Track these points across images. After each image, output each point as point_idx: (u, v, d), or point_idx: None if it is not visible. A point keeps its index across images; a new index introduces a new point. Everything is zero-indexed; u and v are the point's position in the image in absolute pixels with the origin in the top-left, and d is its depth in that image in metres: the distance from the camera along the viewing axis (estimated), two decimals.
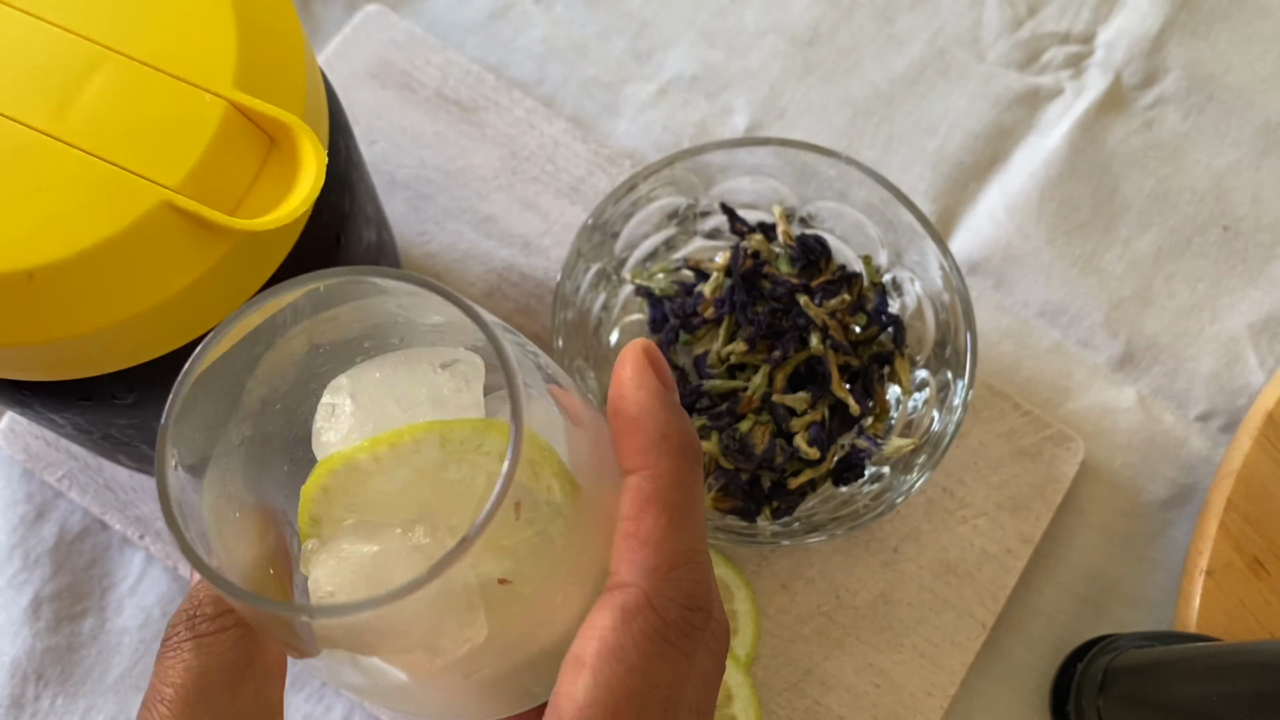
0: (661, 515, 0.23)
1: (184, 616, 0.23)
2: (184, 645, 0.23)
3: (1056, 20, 0.56)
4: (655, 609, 0.22)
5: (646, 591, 0.22)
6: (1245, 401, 0.51)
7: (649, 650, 0.21)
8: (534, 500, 0.22)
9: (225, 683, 0.23)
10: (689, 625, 0.22)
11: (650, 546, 0.22)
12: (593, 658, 0.21)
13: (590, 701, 0.21)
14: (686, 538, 0.23)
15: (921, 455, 0.43)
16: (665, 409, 0.24)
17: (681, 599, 0.22)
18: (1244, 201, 0.54)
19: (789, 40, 0.56)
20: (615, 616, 0.21)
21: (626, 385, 0.24)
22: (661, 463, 0.23)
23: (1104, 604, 0.48)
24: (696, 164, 0.45)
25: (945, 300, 0.44)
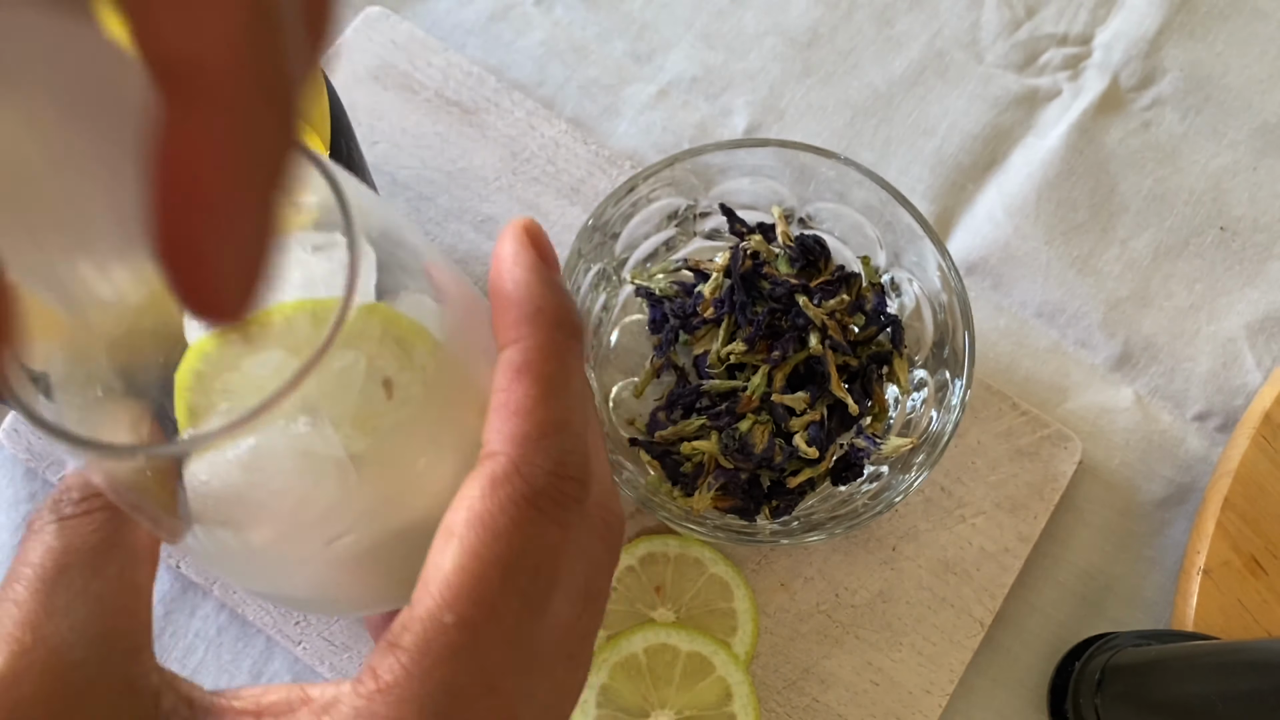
0: (533, 386, 0.22)
1: (49, 503, 0.23)
2: (47, 528, 0.22)
3: (1054, 22, 0.56)
4: (523, 475, 0.21)
5: (514, 459, 0.21)
6: (1242, 401, 0.51)
7: (516, 517, 0.21)
8: (406, 380, 0.21)
9: (86, 563, 0.22)
10: (560, 493, 0.22)
11: (520, 415, 0.22)
12: (461, 526, 0.21)
13: (457, 569, 0.20)
14: (558, 407, 0.22)
15: (920, 454, 0.43)
16: (541, 284, 0.23)
17: (550, 466, 0.21)
18: (1241, 202, 0.54)
19: (788, 42, 0.56)
20: (483, 485, 0.21)
21: (504, 261, 0.24)
22: (535, 334, 0.23)
23: (1102, 602, 0.48)
24: (696, 165, 0.45)
25: (943, 300, 0.44)
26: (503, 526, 0.21)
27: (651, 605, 0.46)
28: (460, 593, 0.20)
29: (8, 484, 0.48)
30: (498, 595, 0.20)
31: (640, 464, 0.46)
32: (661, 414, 0.46)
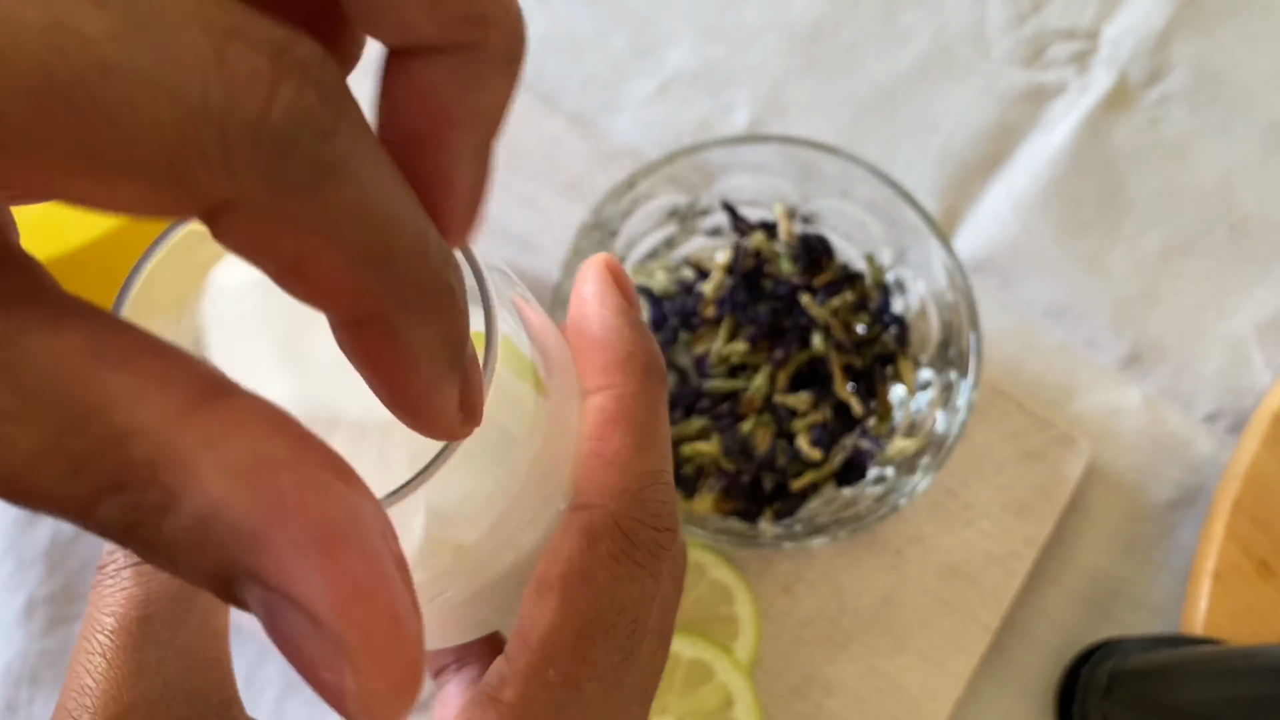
0: (628, 435, 0.22)
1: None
2: (123, 572, 0.21)
3: (1061, 16, 0.56)
4: (623, 530, 0.21)
5: (614, 513, 0.21)
6: (1252, 402, 0.50)
7: (617, 572, 0.21)
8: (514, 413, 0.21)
9: (169, 611, 0.21)
10: (657, 546, 0.22)
11: (617, 467, 0.22)
12: (559, 580, 0.21)
13: (558, 625, 0.20)
14: (653, 458, 0.22)
15: (925, 456, 0.43)
16: (630, 327, 0.23)
17: (649, 520, 0.22)
18: (1250, 200, 0.53)
19: (791, 36, 0.55)
20: (582, 539, 0.21)
21: (589, 303, 0.24)
22: (627, 382, 0.22)
23: (1109, 607, 0.48)
24: (697, 161, 0.45)
25: (949, 300, 0.44)
26: (604, 582, 0.21)
27: None
28: (562, 649, 0.20)
29: None
30: (599, 651, 0.21)
31: None
32: None
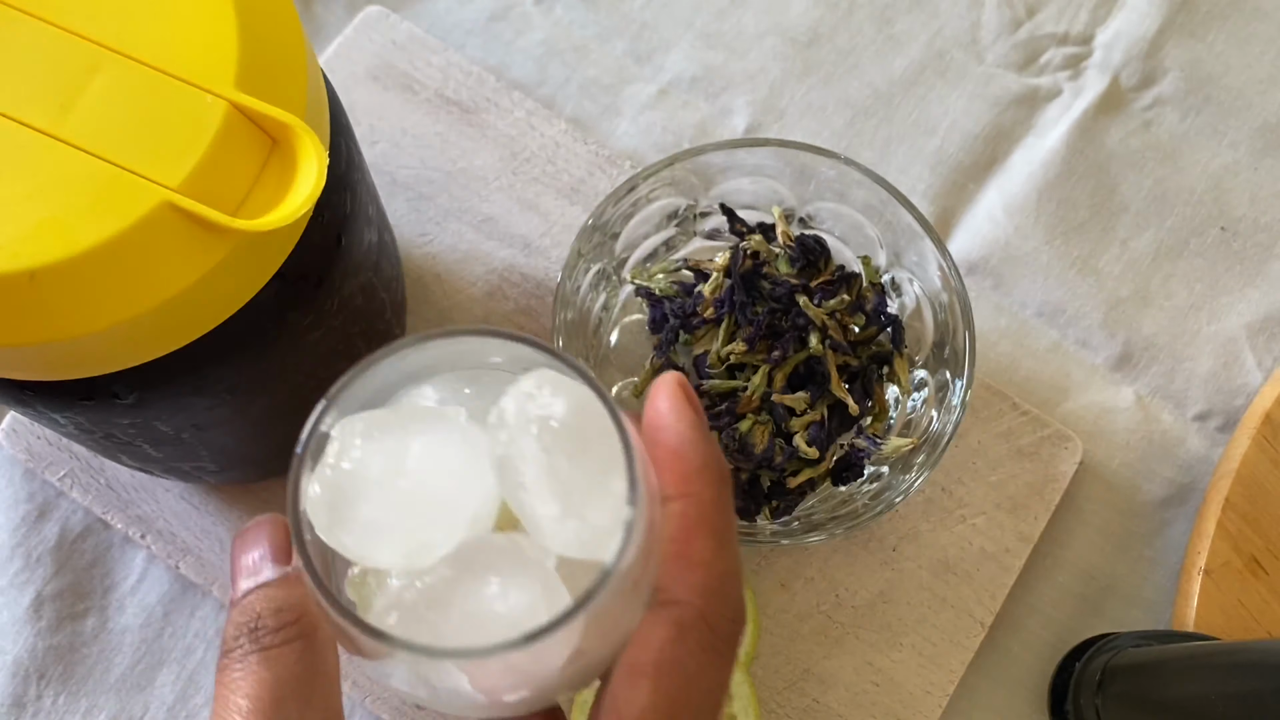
0: (709, 539, 0.25)
1: (244, 629, 0.24)
2: (250, 658, 0.23)
3: (1055, 22, 0.56)
4: (709, 623, 0.24)
5: (700, 609, 0.24)
6: (1243, 401, 0.51)
7: (704, 661, 0.24)
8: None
9: (296, 694, 0.23)
10: (733, 636, 0.24)
11: (702, 568, 0.24)
12: (652, 668, 0.23)
13: (651, 706, 0.23)
14: (729, 557, 0.25)
15: (920, 455, 0.43)
16: (704, 440, 0.26)
17: (730, 614, 0.24)
18: (1242, 202, 0.54)
19: (788, 41, 0.56)
20: (673, 631, 0.24)
21: (665, 416, 0.26)
22: (705, 490, 0.25)
23: (1102, 603, 0.48)
24: (696, 165, 0.45)
25: (944, 300, 0.44)
26: (693, 671, 0.23)
27: None
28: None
29: (7, 484, 0.48)
30: None
31: None
32: None
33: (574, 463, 0.24)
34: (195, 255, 0.28)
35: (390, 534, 0.24)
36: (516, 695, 0.25)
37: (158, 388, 0.32)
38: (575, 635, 0.23)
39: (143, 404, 0.32)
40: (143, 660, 0.46)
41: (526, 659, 0.22)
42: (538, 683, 0.25)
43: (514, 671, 0.24)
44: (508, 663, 0.22)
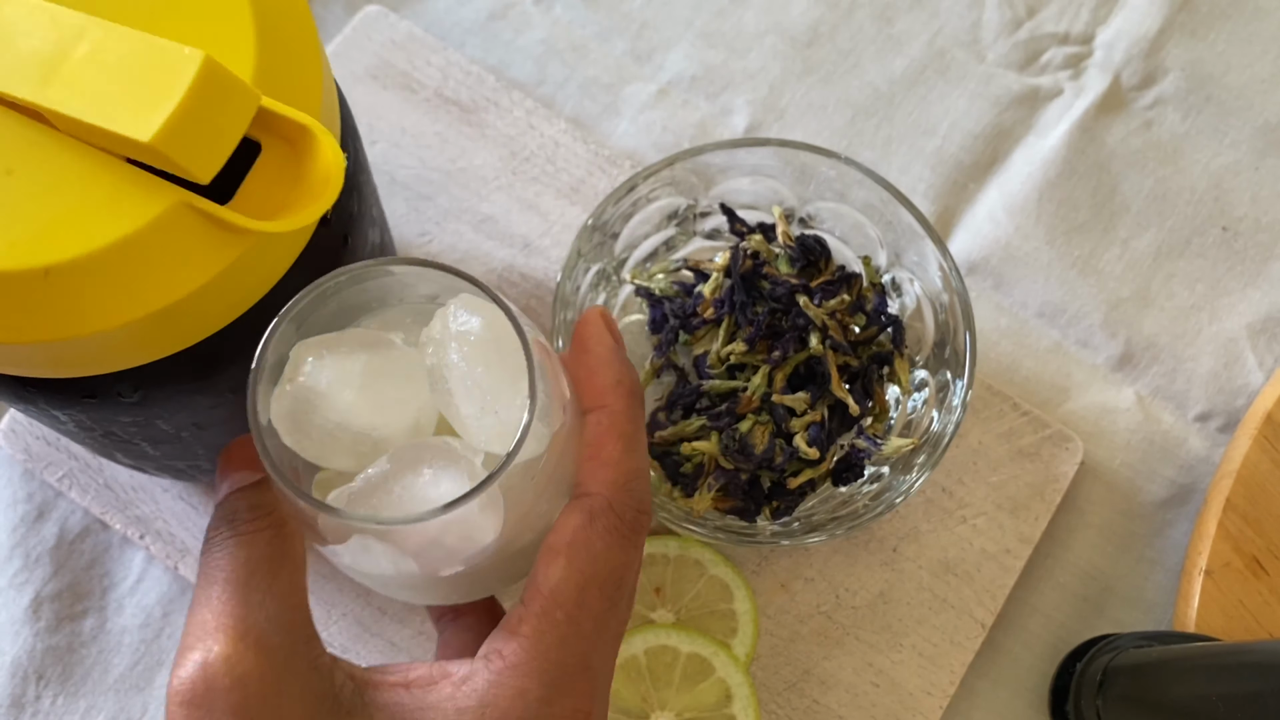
0: (619, 442, 0.29)
1: (223, 520, 0.28)
2: (228, 542, 0.28)
3: (1056, 21, 0.56)
4: (615, 511, 0.29)
5: (609, 499, 0.29)
6: (1244, 402, 0.51)
7: (610, 542, 0.28)
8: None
9: (266, 570, 0.27)
10: (638, 524, 0.29)
11: (611, 466, 0.29)
12: (565, 548, 0.28)
13: (564, 579, 0.27)
14: (637, 459, 0.30)
15: (921, 455, 0.43)
16: (617, 360, 0.31)
17: (634, 504, 0.29)
18: (1243, 202, 0.54)
19: (788, 41, 0.56)
20: (584, 517, 0.28)
21: (589, 340, 0.31)
22: (617, 403, 0.30)
23: (1103, 604, 0.48)
24: (696, 164, 0.45)
25: (944, 300, 0.44)
26: (599, 550, 0.28)
27: (651, 607, 0.46)
28: (567, 597, 0.27)
29: (6, 484, 0.48)
30: (593, 599, 0.27)
31: None
32: (661, 414, 0.45)
33: (489, 370, 0.28)
34: (210, 255, 0.28)
35: (342, 440, 0.28)
36: (451, 568, 0.29)
37: (162, 386, 0.32)
38: (492, 512, 0.28)
39: (146, 402, 0.32)
40: (142, 660, 0.46)
41: (453, 530, 0.27)
42: (470, 558, 0.29)
43: (444, 543, 0.28)
44: (436, 531, 0.27)
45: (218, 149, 0.28)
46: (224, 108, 0.28)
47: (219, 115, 0.28)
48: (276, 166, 0.29)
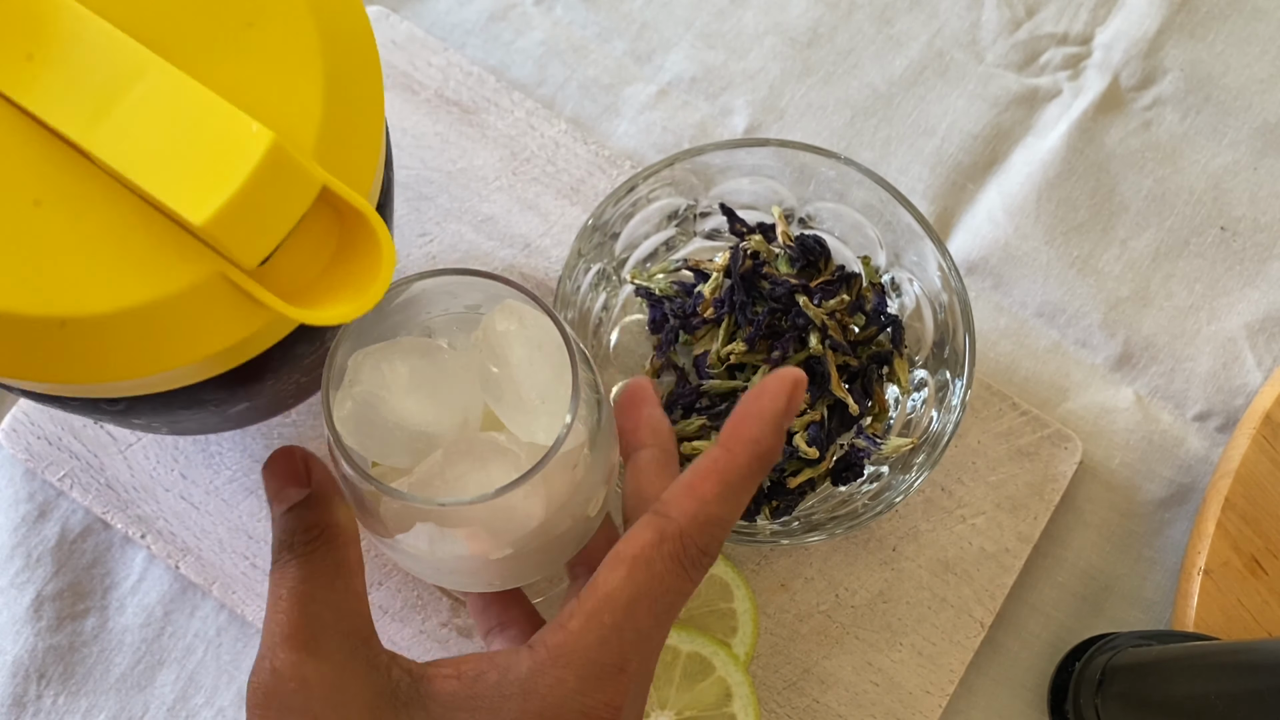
0: (719, 486, 0.30)
1: (283, 544, 0.31)
2: (290, 563, 0.30)
3: (1054, 22, 0.56)
4: (684, 543, 0.29)
5: (682, 528, 0.29)
6: (1243, 401, 0.51)
7: (671, 567, 0.29)
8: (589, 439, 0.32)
9: (324, 583, 0.30)
10: (700, 563, 0.30)
11: (699, 502, 0.30)
12: (630, 558, 0.29)
13: (619, 587, 0.29)
14: (727, 509, 0.30)
15: (920, 454, 0.43)
16: (773, 428, 0.31)
17: (703, 544, 0.30)
18: (1242, 202, 0.54)
19: (788, 42, 0.56)
20: (655, 535, 0.29)
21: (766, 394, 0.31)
22: (741, 454, 0.30)
23: (1102, 603, 0.48)
24: (696, 165, 0.45)
25: (944, 300, 0.44)
26: (658, 570, 0.29)
27: None
28: (619, 604, 0.29)
29: (7, 484, 0.48)
30: (643, 613, 0.29)
31: None
32: None
33: (537, 368, 0.31)
34: (237, 324, 0.27)
35: (400, 438, 0.31)
36: (499, 551, 0.31)
37: (150, 403, 0.31)
38: (537, 498, 0.30)
39: (130, 411, 0.32)
40: (143, 660, 0.46)
41: (502, 514, 0.30)
42: (516, 540, 0.31)
43: (493, 526, 0.30)
44: (487, 514, 0.29)
45: (269, 237, 0.26)
46: (284, 194, 0.25)
47: (277, 202, 0.25)
48: (319, 233, 0.27)
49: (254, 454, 0.48)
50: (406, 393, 0.31)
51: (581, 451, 0.31)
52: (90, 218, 0.25)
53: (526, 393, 0.31)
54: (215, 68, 0.27)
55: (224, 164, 0.25)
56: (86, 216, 0.25)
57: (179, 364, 0.27)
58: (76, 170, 0.25)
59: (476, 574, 0.34)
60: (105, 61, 0.25)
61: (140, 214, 0.25)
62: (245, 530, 0.47)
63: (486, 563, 0.32)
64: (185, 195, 0.24)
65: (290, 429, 0.48)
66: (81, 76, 0.25)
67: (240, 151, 0.25)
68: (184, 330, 0.26)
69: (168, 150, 0.25)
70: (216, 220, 0.24)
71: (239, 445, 0.48)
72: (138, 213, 0.25)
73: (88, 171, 0.25)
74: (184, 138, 0.25)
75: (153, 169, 0.25)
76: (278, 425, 0.48)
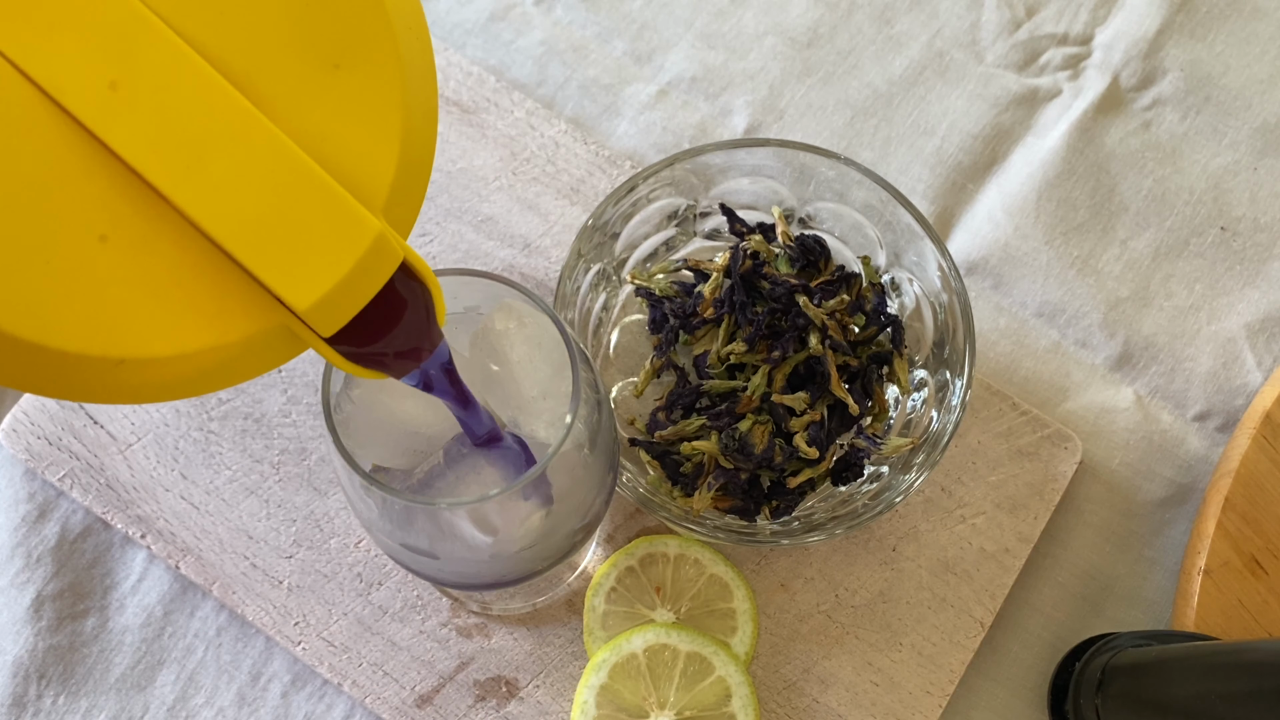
0: None
1: None
2: None
3: (1054, 22, 0.56)
4: None
5: None
6: (1243, 401, 0.51)
7: None
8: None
9: None
10: None
11: None
12: None
13: None
14: None
15: (920, 454, 0.43)
16: None
17: None
18: (1241, 202, 0.54)
19: (788, 42, 0.56)
20: None
21: None
22: None
23: (1102, 603, 0.48)
24: (696, 165, 0.45)
25: (944, 300, 0.44)
26: None
27: (651, 606, 0.46)
28: None
29: (7, 484, 0.48)
30: None
31: (640, 464, 0.46)
32: (661, 414, 0.46)
33: (538, 365, 0.31)
34: (284, 358, 0.27)
35: (399, 440, 0.32)
36: (502, 551, 0.33)
37: None
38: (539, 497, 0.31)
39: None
40: (143, 660, 0.46)
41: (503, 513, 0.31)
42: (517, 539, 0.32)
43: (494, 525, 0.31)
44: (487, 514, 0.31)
45: (350, 309, 0.25)
46: (373, 275, 0.25)
47: (367, 282, 0.25)
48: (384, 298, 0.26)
49: (254, 454, 0.48)
50: (405, 395, 0.31)
51: (582, 451, 0.32)
52: (157, 257, 0.24)
53: (527, 391, 0.32)
54: (297, 110, 0.25)
55: (329, 249, 0.24)
56: (153, 255, 0.24)
57: (215, 389, 0.26)
58: (146, 206, 0.24)
59: (478, 575, 0.34)
60: (199, 105, 0.24)
61: (210, 258, 0.24)
62: (245, 530, 0.47)
63: (487, 563, 0.33)
64: (287, 277, 0.24)
65: (290, 429, 0.48)
66: (171, 117, 0.23)
67: (348, 240, 0.24)
68: (231, 366, 0.26)
69: (267, 222, 0.24)
70: (317, 306, 0.24)
71: (239, 445, 0.48)
72: (207, 257, 0.24)
73: (157, 209, 0.24)
74: (286, 212, 0.24)
75: (250, 240, 0.24)
76: (278, 425, 0.48)
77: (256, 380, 0.49)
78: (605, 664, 0.44)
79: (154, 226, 0.24)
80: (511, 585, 0.37)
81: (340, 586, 0.47)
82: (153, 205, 0.24)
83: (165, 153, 0.23)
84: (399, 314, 0.27)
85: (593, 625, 0.45)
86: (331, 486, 0.48)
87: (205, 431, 0.48)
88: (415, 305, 0.27)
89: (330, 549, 0.47)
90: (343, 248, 0.24)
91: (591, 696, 0.44)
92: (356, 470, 0.29)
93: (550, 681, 0.46)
